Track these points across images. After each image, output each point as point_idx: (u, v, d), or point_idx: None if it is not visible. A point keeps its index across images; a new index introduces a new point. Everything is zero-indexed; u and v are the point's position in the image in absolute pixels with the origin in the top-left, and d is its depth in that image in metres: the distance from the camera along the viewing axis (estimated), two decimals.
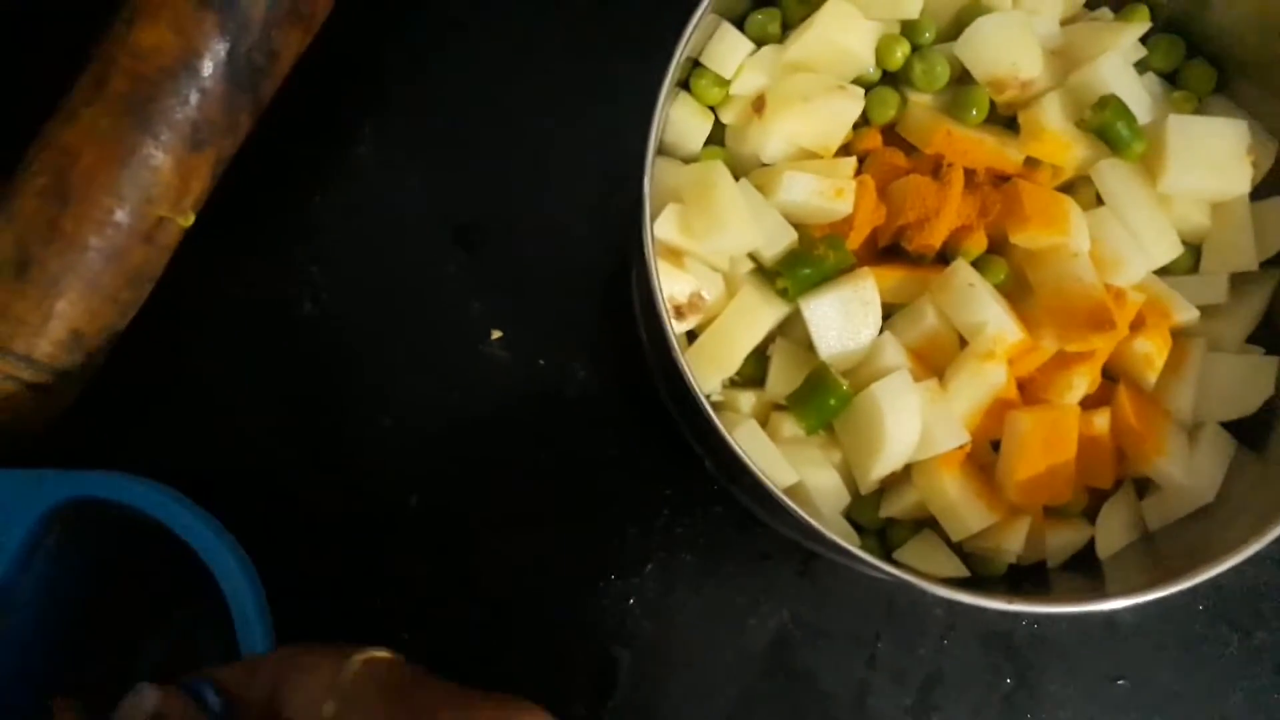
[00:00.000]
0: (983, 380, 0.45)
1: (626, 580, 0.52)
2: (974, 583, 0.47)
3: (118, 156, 0.44)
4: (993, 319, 0.44)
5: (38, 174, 0.44)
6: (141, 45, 0.43)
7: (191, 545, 0.42)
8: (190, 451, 0.51)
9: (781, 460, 0.45)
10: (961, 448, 0.45)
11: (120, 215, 0.44)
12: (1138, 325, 0.46)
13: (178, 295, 0.49)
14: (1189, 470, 0.46)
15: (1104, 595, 0.44)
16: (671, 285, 0.46)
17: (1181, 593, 0.42)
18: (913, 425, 0.44)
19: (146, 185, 0.44)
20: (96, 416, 0.49)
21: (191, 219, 0.47)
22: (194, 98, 0.44)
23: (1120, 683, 0.53)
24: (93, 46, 0.44)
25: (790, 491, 0.46)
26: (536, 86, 0.55)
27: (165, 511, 0.42)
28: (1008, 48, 0.46)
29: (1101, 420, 0.46)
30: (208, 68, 0.44)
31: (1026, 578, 0.48)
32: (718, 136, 0.49)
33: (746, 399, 0.47)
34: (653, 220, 0.45)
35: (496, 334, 0.53)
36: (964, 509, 0.45)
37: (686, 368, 0.42)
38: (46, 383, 0.45)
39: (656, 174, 0.47)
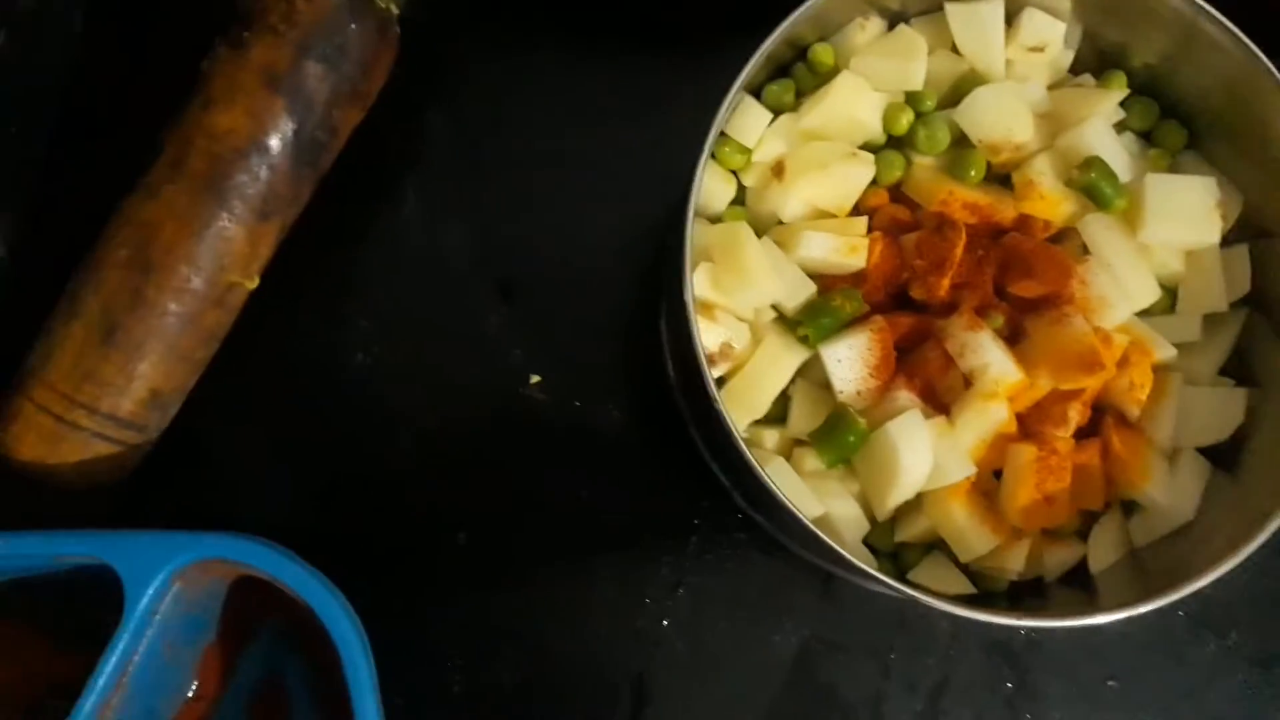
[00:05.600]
0: (986, 417, 0.49)
1: (661, 604, 0.56)
2: (979, 598, 0.52)
3: (195, 229, 0.47)
4: (995, 362, 0.49)
5: (120, 246, 0.47)
6: (217, 128, 0.47)
7: (310, 605, 0.44)
8: (251, 500, 0.54)
9: (808, 493, 0.49)
10: (968, 478, 0.50)
11: (196, 282, 0.48)
12: (1123, 363, 0.51)
13: (240, 352, 0.53)
14: (1170, 492, 0.51)
15: (1097, 609, 0.49)
16: (703, 336, 0.50)
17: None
18: (924, 459, 0.48)
19: (220, 254, 0.48)
20: (168, 475, 0.53)
21: (257, 282, 0.51)
22: (264, 174, 0.48)
23: (1111, 684, 0.58)
24: (167, 130, 0.48)
25: (817, 522, 0.50)
26: (568, 150, 0.59)
27: (283, 572, 0.45)
28: (1002, 115, 0.51)
29: (1092, 449, 0.51)
30: (276, 146, 0.48)
31: (1026, 591, 0.53)
32: (739, 197, 0.54)
33: (770, 436, 0.52)
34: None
35: (535, 379, 0.57)
36: (971, 534, 0.50)
37: (726, 412, 0.46)
38: (128, 439, 0.49)
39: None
